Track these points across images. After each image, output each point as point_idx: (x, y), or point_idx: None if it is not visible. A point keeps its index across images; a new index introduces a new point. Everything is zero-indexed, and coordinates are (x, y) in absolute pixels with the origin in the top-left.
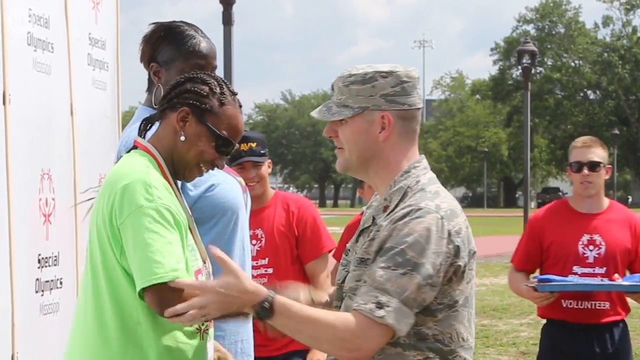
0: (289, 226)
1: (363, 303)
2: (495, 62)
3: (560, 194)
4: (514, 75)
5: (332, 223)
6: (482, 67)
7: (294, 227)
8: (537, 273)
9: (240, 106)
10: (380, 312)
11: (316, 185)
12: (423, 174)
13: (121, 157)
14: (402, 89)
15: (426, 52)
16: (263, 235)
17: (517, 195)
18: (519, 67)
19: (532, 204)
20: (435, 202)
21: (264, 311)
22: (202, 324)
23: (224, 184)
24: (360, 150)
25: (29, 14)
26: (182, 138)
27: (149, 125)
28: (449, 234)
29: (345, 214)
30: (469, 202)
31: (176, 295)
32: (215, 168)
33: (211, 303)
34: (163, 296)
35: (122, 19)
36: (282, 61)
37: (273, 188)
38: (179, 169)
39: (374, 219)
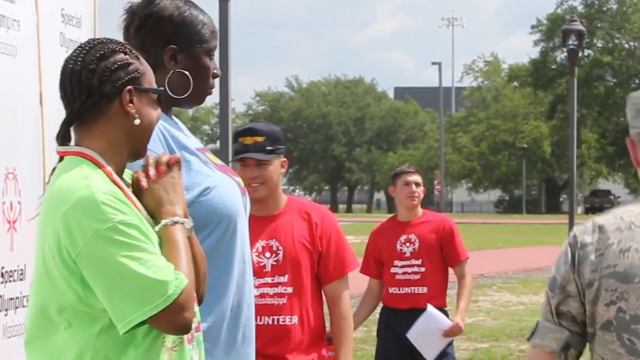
0: (313, 240)
1: None
2: (536, 44)
3: (612, 197)
4: (558, 59)
5: (346, 231)
6: (520, 50)
7: (317, 241)
8: None
9: None
10: (532, 338)
11: (327, 187)
12: None
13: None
14: (636, 112)
15: (456, 32)
16: (280, 248)
17: (561, 199)
18: (564, 49)
19: (579, 209)
20: (594, 219)
21: None
22: (173, 341)
23: (221, 186)
24: None
25: None
26: (138, 121)
27: (68, 131)
28: (577, 244)
29: (360, 220)
30: (505, 207)
31: (185, 306)
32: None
33: None
34: (171, 317)
35: None
36: (288, 42)
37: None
38: (138, 150)
39: None
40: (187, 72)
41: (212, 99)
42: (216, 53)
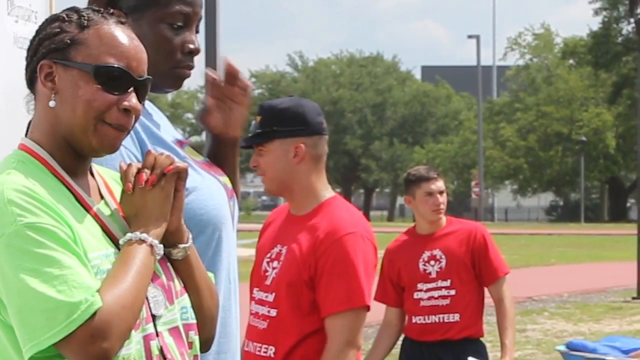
0: (307, 258)
1: None
2: (597, 13)
3: None
4: (623, 32)
5: None
6: (578, 20)
7: (310, 260)
8: None
9: (123, 22)
10: None
11: (338, 189)
12: None
13: None
14: None
15: None
16: (282, 260)
17: (628, 205)
18: (631, 19)
19: None
20: None
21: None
22: None
23: (204, 187)
24: None
25: None
26: (52, 103)
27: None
28: None
29: (380, 230)
30: (559, 214)
31: (100, 334)
32: (129, 114)
33: None
34: (81, 347)
35: None
36: (292, 10)
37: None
38: (82, 146)
39: None
40: None
41: (196, 82)
42: (200, 24)
